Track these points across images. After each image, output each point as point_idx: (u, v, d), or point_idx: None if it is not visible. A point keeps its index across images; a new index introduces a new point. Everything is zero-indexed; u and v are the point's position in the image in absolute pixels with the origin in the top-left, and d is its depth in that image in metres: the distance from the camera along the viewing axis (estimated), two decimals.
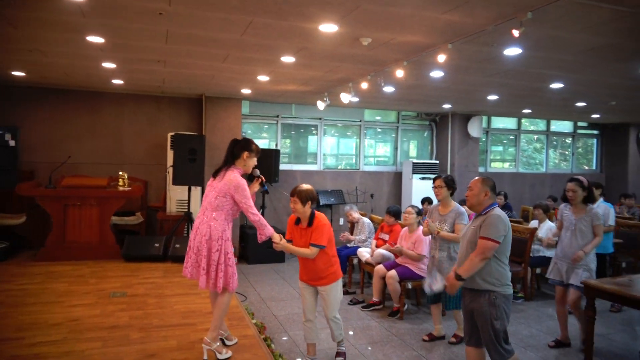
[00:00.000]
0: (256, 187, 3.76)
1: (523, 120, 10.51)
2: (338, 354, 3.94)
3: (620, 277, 4.24)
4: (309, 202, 3.55)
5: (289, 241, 3.71)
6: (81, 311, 4.26)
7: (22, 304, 4.40)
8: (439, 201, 4.47)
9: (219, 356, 3.36)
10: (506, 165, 10.65)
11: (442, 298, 4.43)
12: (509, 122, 10.41)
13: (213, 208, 3.38)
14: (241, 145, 3.51)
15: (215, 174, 3.51)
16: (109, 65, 5.40)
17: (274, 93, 7.29)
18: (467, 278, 3.06)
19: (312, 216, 3.60)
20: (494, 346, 3.08)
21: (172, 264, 6.07)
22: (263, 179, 3.75)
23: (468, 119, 9.16)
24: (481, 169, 9.84)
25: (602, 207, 5.27)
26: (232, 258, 3.42)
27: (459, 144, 9.20)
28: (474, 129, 9.13)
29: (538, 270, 5.88)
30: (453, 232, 4.22)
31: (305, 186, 3.61)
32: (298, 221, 3.69)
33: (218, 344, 3.41)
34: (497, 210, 3.13)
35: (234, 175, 3.41)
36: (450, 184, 4.35)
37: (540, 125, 10.81)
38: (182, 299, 4.74)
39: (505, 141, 10.66)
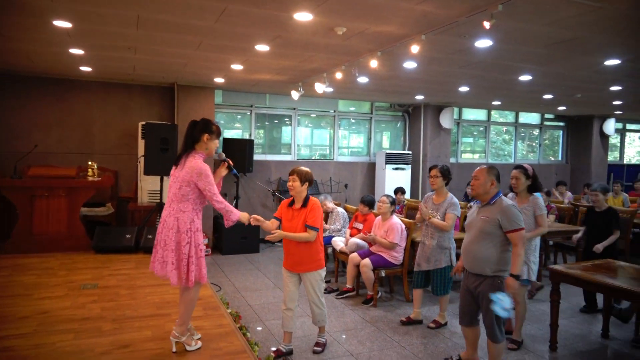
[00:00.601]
0: (224, 171, 3.58)
1: (493, 112, 10.75)
2: (317, 344, 3.99)
3: (585, 263, 4.42)
4: (307, 183, 3.72)
5: (277, 219, 3.82)
6: (51, 304, 4.17)
7: None
8: (433, 190, 4.58)
9: (188, 348, 3.31)
10: (476, 156, 10.90)
11: (431, 284, 4.58)
12: (479, 114, 10.64)
13: (178, 199, 3.21)
14: (200, 127, 3.30)
15: (176, 162, 3.30)
16: (76, 51, 5.24)
17: (248, 82, 7.23)
18: (516, 274, 3.24)
19: (306, 198, 3.74)
20: (493, 328, 3.32)
21: (145, 255, 5.98)
22: (230, 162, 3.57)
23: (440, 110, 9.31)
24: (452, 160, 10.04)
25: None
26: (203, 249, 3.32)
27: (431, 135, 9.35)
28: (446, 120, 9.29)
29: None
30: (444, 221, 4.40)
31: (305, 168, 3.81)
32: (291, 203, 3.79)
33: (187, 336, 3.34)
34: (507, 200, 3.37)
35: (195, 161, 3.22)
36: (445, 174, 4.48)
37: (509, 117, 11.08)
38: (155, 289, 4.69)
39: (475, 132, 10.90)
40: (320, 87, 6.23)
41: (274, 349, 3.87)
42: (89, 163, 6.55)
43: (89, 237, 6.24)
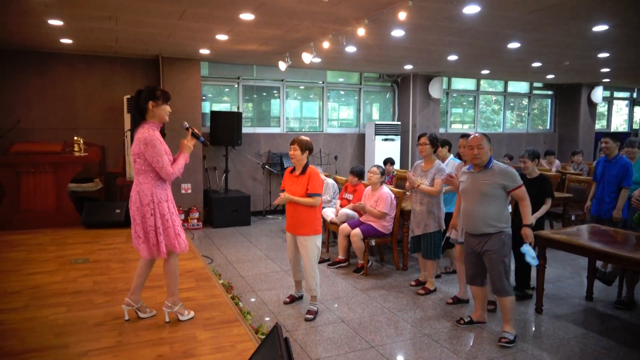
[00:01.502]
0: (191, 141, 3.35)
1: (482, 82, 10.72)
2: (309, 312, 4.09)
3: (569, 228, 4.50)
4: (307, 152, 4.01)
5: (282, 191, 4.12)
6: (42, 278, 4.17)
7: None
8: (422, 158, 4.70)
9: (181, 317, 3.34)
10: (466, 126, 10.91)
11: (422, 247, 4.69)
12: (468, 84, 10.60)
13: (137, 173, 3.15)
14: (144, 96, 3.14)
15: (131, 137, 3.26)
16: (55, 22, 5.08)
17: (234, 53, 7.10)
18: (529, 224, 3.60)
19: (306, 165, 4.02)
20: (501, 281, 3.57)
21: None
22: (194, 130, 3.38)
23: (429, 80, 9.25)
24: (442, 130, 10.05)
25: (451, 164, 4.99)
26: (170, 219, 3.20)
27: (420, 105, 9.32)
28: (435, 90, 9.25)
29: None
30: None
31: (305, 137, 4.06)
32: (293, 170, 4.12)
33: (179, 306, 3.34)
34: (501, 163, 3.66)
35: (141, 132, 3.10)
36: (434, 142, 4.62)
37: (499, 86, 11.06)
38: None
39: (464, 103, 10.88)
40: (307, 57, 6.14)
41: (287, 298, 4.36)
42: (75, 138, 6.45)
43: (78, 213, 6.20)
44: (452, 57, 7.22)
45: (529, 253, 3.57)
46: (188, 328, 3.24)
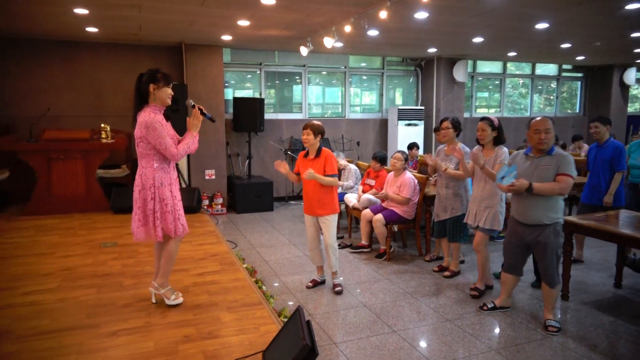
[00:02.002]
0: (198, 118, 3.26)
1: (508, 65, 10.45)
2: (335, 285, 4.36)
3: (597, 214, 4.39)
4: (320, 136, 4.14)
5: (297, 174, 4.30)
6: (73, 261, 4.31)
7: (14, 256, 4.44)
8: (445, 142, 4.67)
9: (167, 301, 3.33)
10: (492, 110, 10.67)
11: (447, 231, 4.69)
12: (494, 67, 10.35)
13: (140, 156, 3.16)
14: (145, 80, 3.10)
15: (133, 122, 3.19)
16: (80, 11, 5.17)
17: (256, 39, 7.10)
18: (535, 192, 3.38)
19: (319, 149, 4.16)
20: (554, 272, 3.52)
21: None
22: (201, 107, 3.30)
23: (453, 64, 9.06)
24: (466, 115, 9.87)
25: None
26: (170, 204, 3.19)
27: (444, 90, 9.16)
28: (460, 73, 9.07)
29: None
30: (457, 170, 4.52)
31: (317, 122, 4.17)
32: (306, 155, 4.25)
33: (166, 289, 3.35)
34: (562, 150, 3.51)
35: (143, 115, 3.08)
36: (456, 126, 4.61)
37: (526, 69, 10.76)
38: None
39: (490, 86, 10.63)
40: (329, 42, 6.09)
41: (309, 282, 4.46)
42: (102, 125, 6.59)
43: (107, 198, 6.37)
44: (478, 39, 7.05)
45: (508, 176, 3.39)
46: (213, 310, 3.31)
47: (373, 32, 6.33)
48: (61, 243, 4.87)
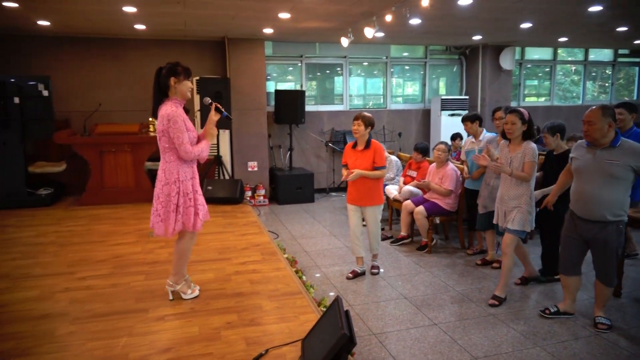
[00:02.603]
0: (214, 116, 3.28)
1: (559, 51, 9.97)
2: (373, 267, 4.59)
3: None
4: (370, 127, 4.23)
5: (344, 166, 4.38)
6: (124, 249, 4.53)
7: (70, 243, 4.71)
8: (498, 132, 4.36)
9: (184, 296, 3.35)
10: (542, 99, 10.24)
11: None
12: (544, 53, 9.91)
13: (163, 151, 3.12)
14: (165, 73, 3.09)
15: (154, 116, 3.20)
16: (129, 9, 5.36)
17: (297, 32, 7.13)
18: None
19: (369, 140, 4.24)
20: (611, 272, 3.34)
21: (207, 205, 6.28)
22: (218, 105, 3.30)
23: (500, 51, 8.75)
24: (514, 104, 9.53)
25: (487, 139, 4.78)
26: (193, 197, 3.19)
27: (490, 78, 8.87)
28: (507, 61, 8.74)
29: None
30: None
31: (368, 113, 4.24)
32: (354, 145, 4.32)
33: (182, 285, 3.37)
34: (631, 141, 3.22)
35: (164, 108, 3.07)
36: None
37: (579, 55, 10.24)
38: (217, 236, 4.95)
39: (540, 74, 10.20)
40: (369, 32, 6.03)
41: (349, 274, 4.49)
42: (150, 119, 6.84)
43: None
44: (526, 25, 6.76)
45: None
46: (254, 298, 3.39)
47: (415, 21, 6.21)
48: (113, 232, 5.12)
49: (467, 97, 9.02)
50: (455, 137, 7.20)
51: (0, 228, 5.27)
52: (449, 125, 8.64)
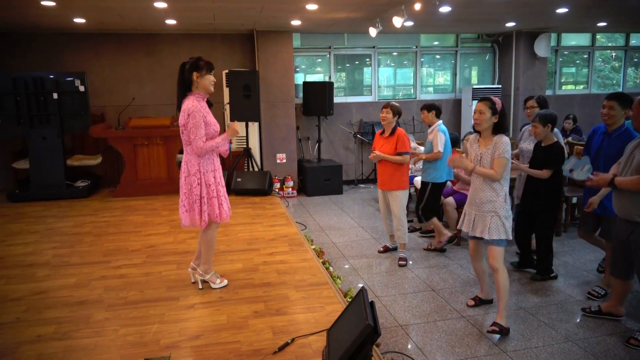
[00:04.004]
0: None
1: (598, 36, 9.56)
2: (400, 259, 4.60)
3: None
4: (397, 116, 4.52)
5: (373, 151, 4.65)
6: (156, 239, 4.66)
7: (106, 233, 4.88)
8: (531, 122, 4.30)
9: (213, 285, 3.43)
10: (580, 87, 9.86)
11: None
12: (581, 39, 9.52)
13: (185, 143, 3.21)
14: (189, 68, 3.15)
15: (177, 110, 3.25)
16: (160, 5, 5.47)
17: (325, 22, 7.10)
18: (617, 188, 2.98)
19: (395, 128, 4.52)
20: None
21: (235, 196, 6.40)
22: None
23: (534, 38, 8.46)
24: (549, 92, 9.22)
25: (433, 132, 4.74)
26: (215, 189, 3.25)
27: (524, 66, 8.60)
28: (541, 48, 8.45)
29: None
30: None
31: (396, 103, 4.57)
32: (382, 132, 4.64)
33: (211, 274, 3.45)
34: None
35: (187, 103, 3.14)
36: (543, 104, 4.37)
37: (620, 40, 9.79)
38: (246, 227, 5.03)
39: (577, 61, 9.81)
40: (398, 21, 5.94)
41: (381, 248, 4.93)
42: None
43: None
44: (562, 10, 6.51)
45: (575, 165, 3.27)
46: (281, 288, 3.43)
47: (445, 9, 6.08)
48: (146, 222, 5.27)
49: (499, 86, 8.79)
50: None
51: (42, 219, 5.51)
52: None
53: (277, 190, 7.38)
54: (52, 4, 5.24)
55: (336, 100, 8.26)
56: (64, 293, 3.41)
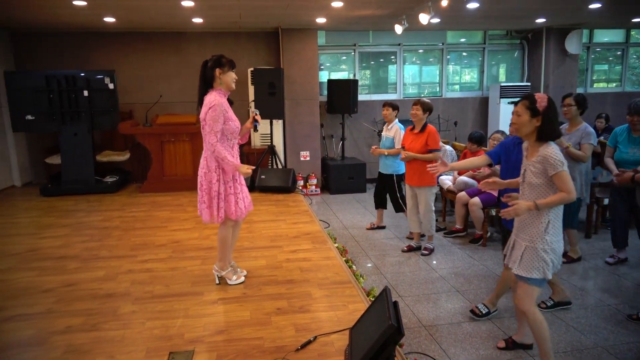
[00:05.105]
0: (250, 124, 3.48)
1: (633, 32, 9.23)
2: (425, 248, 4.81)
3: None
4: (428, 112, 4.58)
5: (402, 147, 4.79)
6: (182, 235, 4.73)
7: (133, 228, 4.98)
8: (568, 119, 4.36)
9: (229, 282, 3.45)
10: (612, 85, 9.56)
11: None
12: (615, 35, 9.22)
13: (205, 139, 3.21)
14: (211, 65, 3.18)
15: (198, 106, 3.26)
16: (187, 3, 5.54)
17: (350, 20, 7.07)
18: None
19: (425, 124, 4.60)
20: None
21: (259, 193, 6.44)
22: (258, 118, 3.47)
23: (565, 34, 8.24)
24: (580, 90, 8.96)
25: (394, 129, 5.22)
26: (233, 186, 3.28)
27: (554, 63, 8.38)
28: (573, 44, 8.22)
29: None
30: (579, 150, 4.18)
31: (427, 99, 4.64)
32: (412, 128, 4.72)
33: (227, 271, 3.46)
34: None
35: (209, 97, 3.17)
36: (581, 103, 4.31)
37: None
38: (269, 224, 5.05)
39: (610, 58, 9.50)
40: (424, 18, 5.86)
41: (405, 247, 4.94)
42: None
43: None
44: (595, 5, 6.32)
45: None
46: (304, 286, 3.44)
47: (473, 5, 5.97)
48: (172, 218, 5.36)
49: (528, 83, 8.60)
50: None
51: (72, 212, 5.67)
52: (507, 113, 8.26)
53: (300, 187, 7.40)
54: (84, 3, 5.37)
55: (360, 98, 8.22)
56: (93, 285, 3.50)
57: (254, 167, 3.36)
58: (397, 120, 5.32)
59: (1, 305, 3.20)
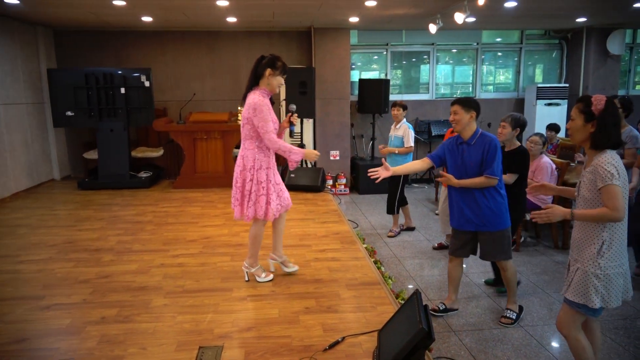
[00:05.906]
0: (286, 124, 3.44)
1: None
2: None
3: None
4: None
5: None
6: (212, 231, 4.80)
7: (165, 223, 5.09)
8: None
9: (258, 279, 3.48)
10: None
11: None
12: None
13: (244, 138, 3.25)
14: (265, 63, 3.17)
15: (242, 101, 3.28)
16: (222, 3, 5.61)
17: (383, 19, 7.01)
18: None
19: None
20: None
21: (289, 192, 6.45)
22: (295, 118, 3.42)
23: (607, 34, 7.94)
24: (622, 92, 8.62)
25: (403, 128, 5.32)
26: (266, 187, 3.28)
27: (594, 64, 8.09)
28: (615, 45, 7.92)
29: None
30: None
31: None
32: (453, 131, 4.55)
33: (256, 268, 3.50)
34: None
35: (252, 97, 3.16)
36: (627, 106, 4.20)
37: None
38: (299, 223, 5.07)
39: None
40: (460, 17, 5.76)
41: (436, 244, 5.01)
42: (239, 108, 7.14)
43: None
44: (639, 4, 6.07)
45: None
46: (333, 286, 3.43)
47: (510, 4, 5.82)
48: (203, 214, 5.45)
49: (567, 84, 8.33)
50: (552, 127, 6.69)
51: (107, 206, 5.83)
52: (544, 115, 8.05)
53: (329, 187, 7.40)
54: (123, 3, 5.51)
55: (392, 98, 8.14)
56: (126, 278, 3.59)
57: (318, 153, 3.39)
58: (405, 119, 5.42)
59: (41, 294, 3.32)
